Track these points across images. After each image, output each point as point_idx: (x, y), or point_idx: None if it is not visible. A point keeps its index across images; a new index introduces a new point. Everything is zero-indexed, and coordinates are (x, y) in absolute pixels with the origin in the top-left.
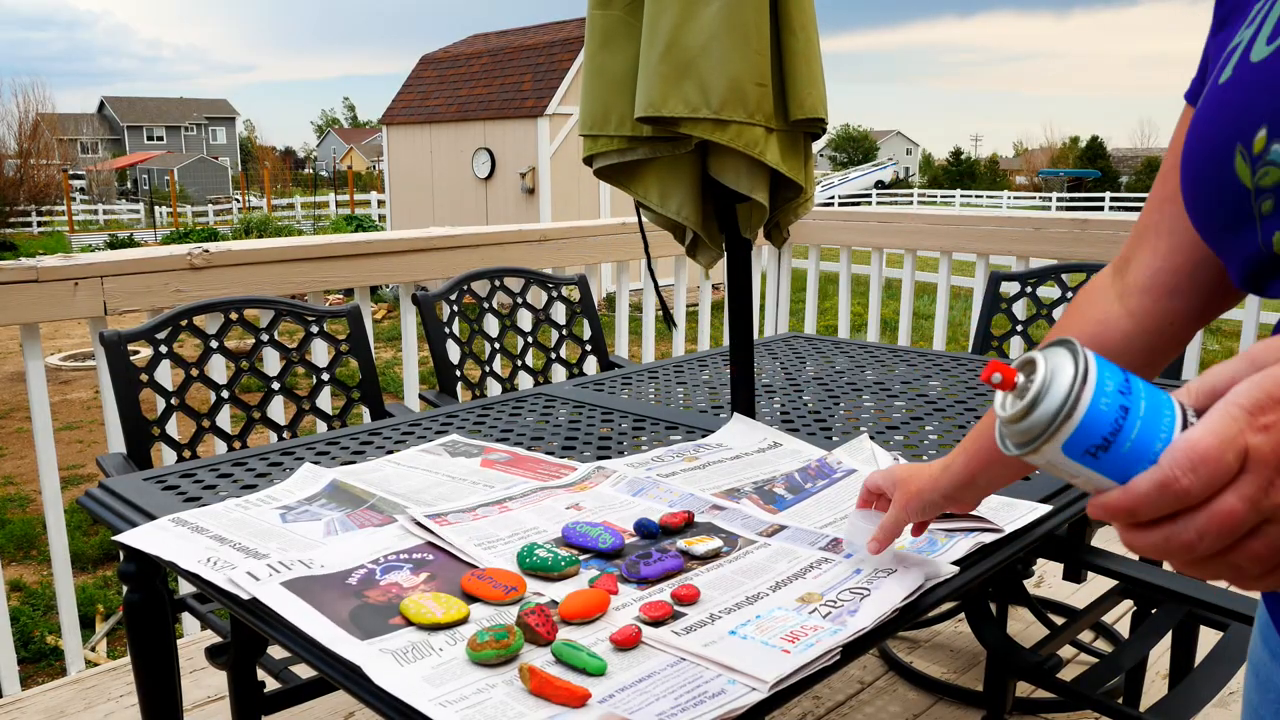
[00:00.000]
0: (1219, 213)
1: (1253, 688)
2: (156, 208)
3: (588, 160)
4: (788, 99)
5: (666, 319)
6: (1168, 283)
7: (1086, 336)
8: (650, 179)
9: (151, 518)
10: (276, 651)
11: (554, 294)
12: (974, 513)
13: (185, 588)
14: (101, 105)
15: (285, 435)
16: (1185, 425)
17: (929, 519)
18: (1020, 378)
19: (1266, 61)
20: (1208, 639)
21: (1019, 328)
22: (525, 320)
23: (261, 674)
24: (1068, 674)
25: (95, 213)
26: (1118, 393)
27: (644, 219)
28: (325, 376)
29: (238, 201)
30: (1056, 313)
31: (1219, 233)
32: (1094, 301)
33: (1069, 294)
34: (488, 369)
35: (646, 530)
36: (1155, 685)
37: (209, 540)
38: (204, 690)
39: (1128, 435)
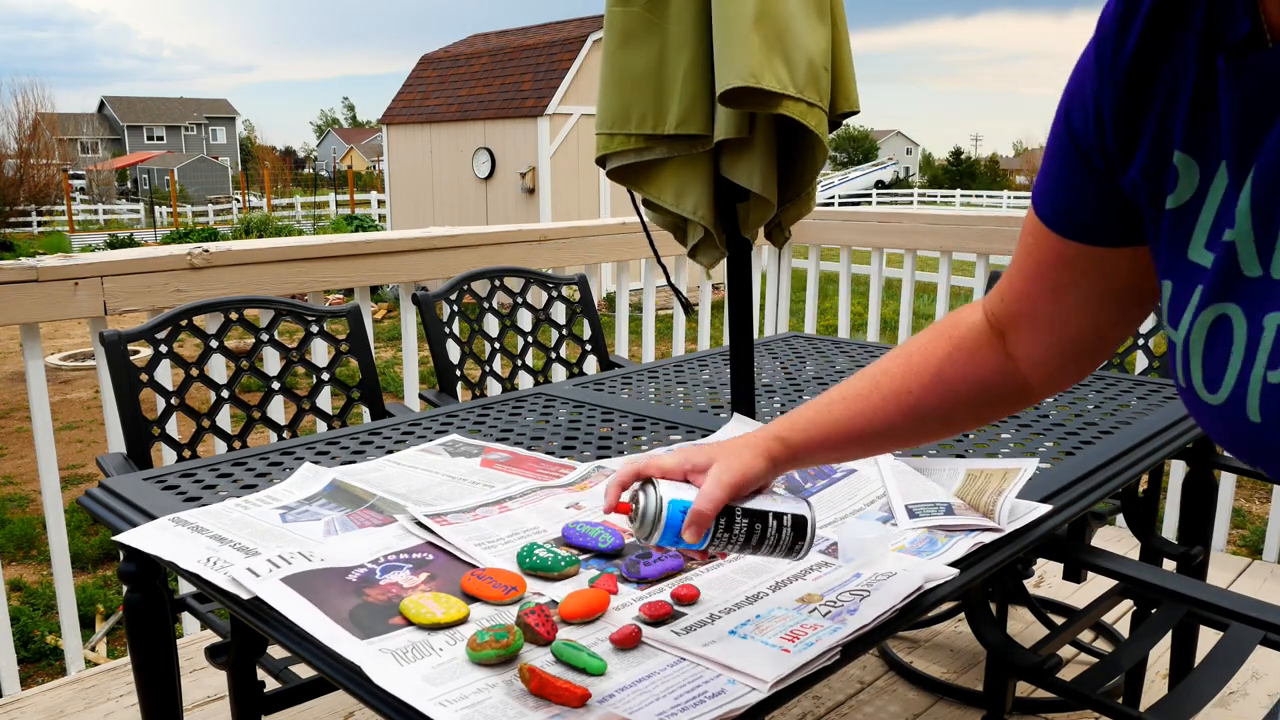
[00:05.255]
0: None
1: None
2: (156, 208)
3: (601, 160)
4: (835, 90)
5: (684, 306)
6: (1055, 362)
7: (969, 382)
8: (665, 178)
9: (151, 518)
10: (276, 651)
11: (554, 294)
12: (975, 513)
13: (185, 588)
14: (101, 105)
15: (285, 435)
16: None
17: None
18: (632, 509)
19: (1225, 410)
20: (1208, 639)
21: None
22: (525, 320)
23: (261, 674)
24: (1068, 674)
25: (95, 213)
26: (679, 511)
27: (645, 217)
28: (325, 376)
29: (238, 201)
30: None
31: None
32: (973, 350)
33: None
34: (488, 369)
35: None
36: (1155, 685)
37: (209, 540)
38: (204, 690)
39: (676, 523)
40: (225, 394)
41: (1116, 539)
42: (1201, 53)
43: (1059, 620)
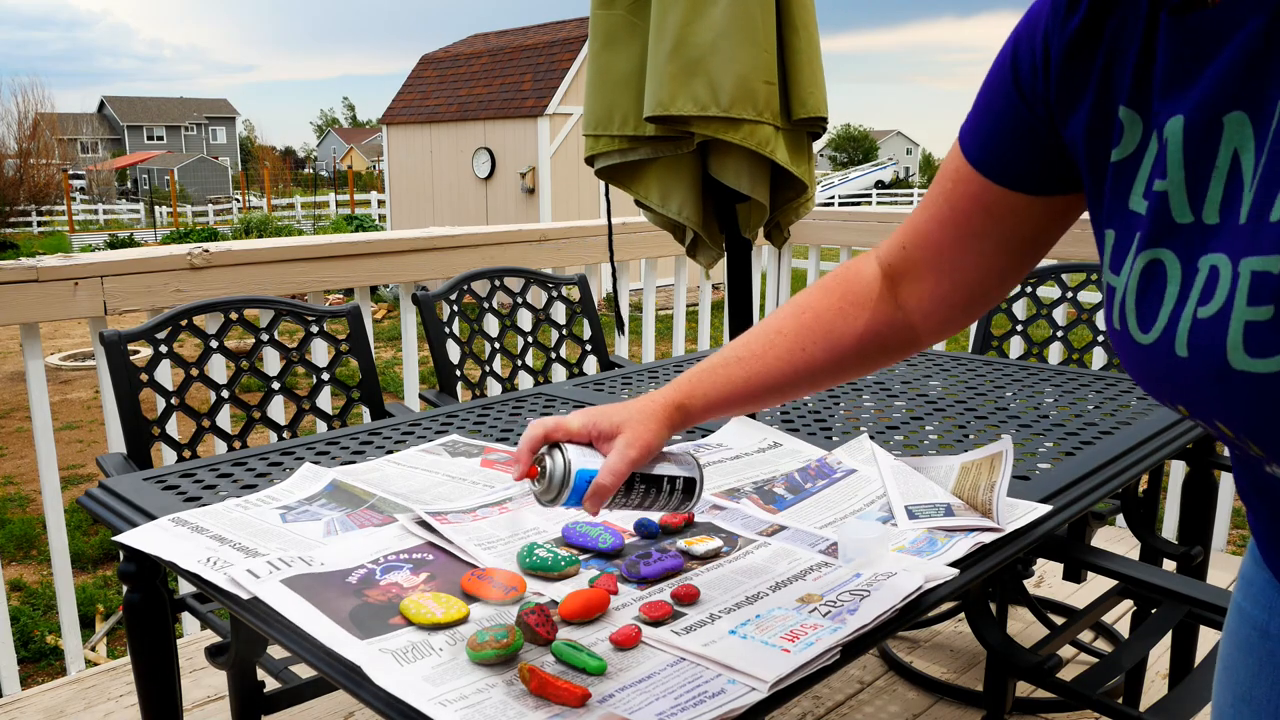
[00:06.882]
0: None
1: (1235, 647)
2: (156, 207)
3: (589, 160)
4: (790, 98)
5: (617, 322)
6: (946, 312)
7: (861, 337)
8: (651, 179)
9: (151, 518)
10: (276, 651)
11: (554, 294)
12: (975, 513)
13: (185, 588)
14: (101, 105)
15: (285, 435)
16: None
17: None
18: (539, 471)
19: (1154, 349)
20: (1208, 639)
21: (1019, 327)
22: (525, 320)
23: (261, 674)
24: (1068, 674)
25: (95, 213)
26: (584, 480)
27: (614, 218)
28: (325, 376)
29: (238, 201)
30: (1056, 313)
31: None
32: (865, 303)
33: (1068, 294)
34: (488, 369)
35: (646, 530)
36: (1155, 685)
37: (209, 540)
38: (204, 690)
39: (581, 490)
40: (225, 394)
41: (1116, 539)
42: (1150, 10)
43: (1059, 620)
